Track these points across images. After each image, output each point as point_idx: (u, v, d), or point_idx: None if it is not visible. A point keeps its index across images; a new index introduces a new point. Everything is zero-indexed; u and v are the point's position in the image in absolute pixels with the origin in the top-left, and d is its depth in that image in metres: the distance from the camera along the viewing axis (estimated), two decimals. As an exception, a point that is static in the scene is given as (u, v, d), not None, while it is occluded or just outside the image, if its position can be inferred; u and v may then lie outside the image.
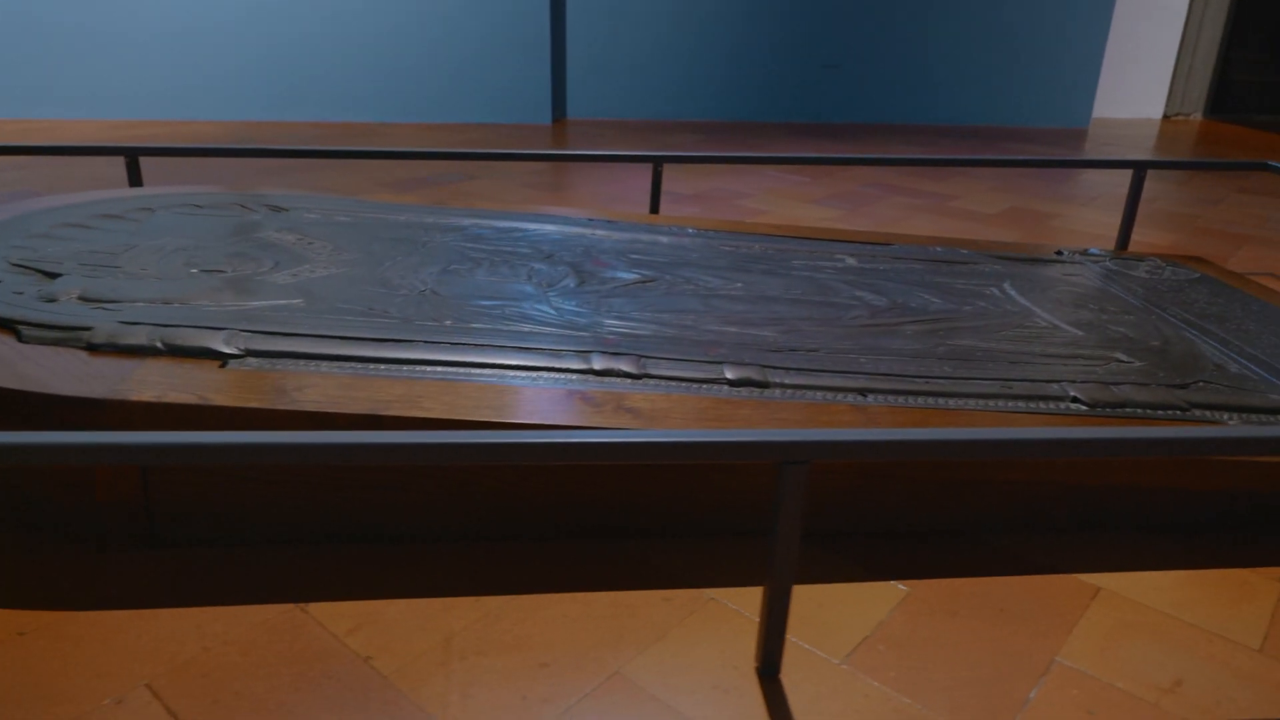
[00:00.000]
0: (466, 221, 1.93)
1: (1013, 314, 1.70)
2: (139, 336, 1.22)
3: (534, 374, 1.26)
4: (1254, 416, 1.37)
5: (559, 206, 3.06)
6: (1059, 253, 2.23)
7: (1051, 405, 1.33)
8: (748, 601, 1.15)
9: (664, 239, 1.95)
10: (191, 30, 4.76)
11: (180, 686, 0.99)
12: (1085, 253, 2.26)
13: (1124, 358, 1.53)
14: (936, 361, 1.43)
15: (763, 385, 1.30)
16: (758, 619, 1.12)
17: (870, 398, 1.30)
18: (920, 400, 1.30)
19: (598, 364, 1.28)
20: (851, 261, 1.94)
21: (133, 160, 2.30)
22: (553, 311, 1.48)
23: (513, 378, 1.24)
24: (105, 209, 1.76)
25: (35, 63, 4.72)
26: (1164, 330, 1.69)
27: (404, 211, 1.97)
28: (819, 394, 1.30)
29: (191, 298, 1.39)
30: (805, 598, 1.16)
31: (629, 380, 1.27)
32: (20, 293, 1.34)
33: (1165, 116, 6.23)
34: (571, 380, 1.26)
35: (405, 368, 1.24)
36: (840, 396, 1.30)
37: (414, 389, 1.19)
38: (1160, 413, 1.35)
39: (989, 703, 0.99)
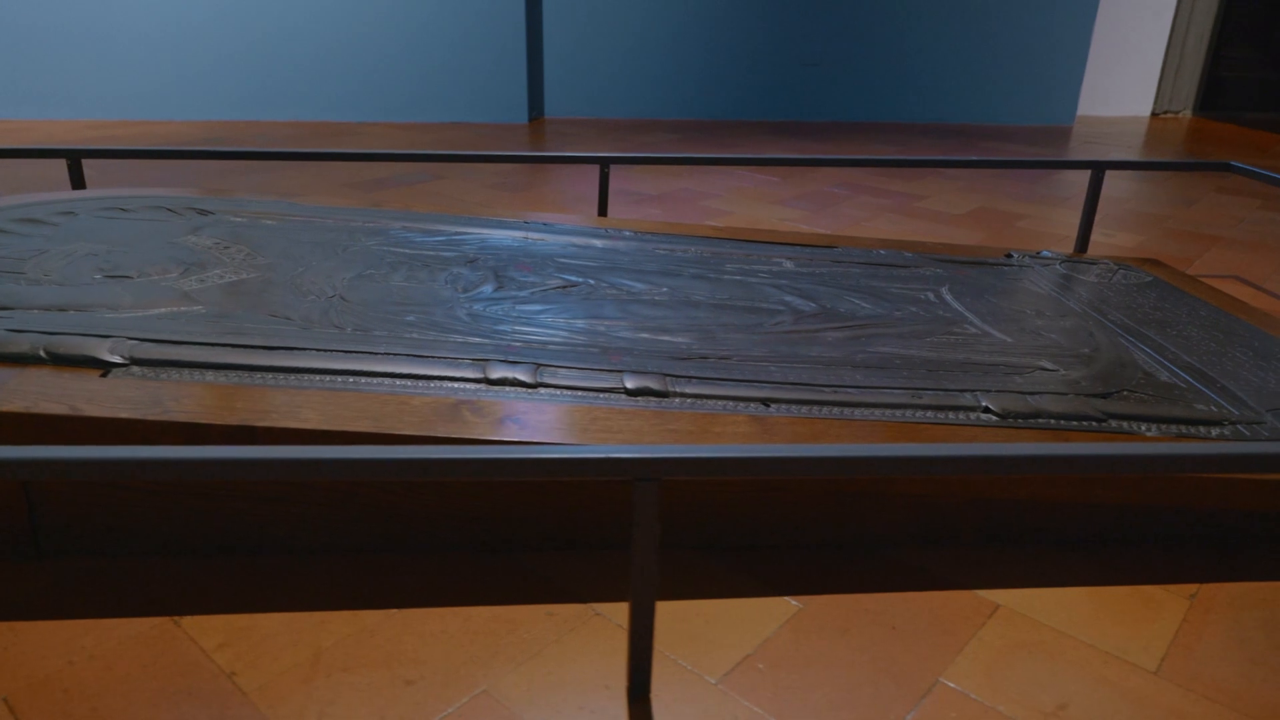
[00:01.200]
0: (396, 225, 1.91)
1: (944, 320, 1.67)
2: (22, 345, 1.19)
3: (426, 383, 1.23)
4: (1173, 427, 1.34)
5: (515, 210, 3.04)
6: (1009, 255, 2.20)
7: (962, 415, 1.30)
8: (623, 613, 1.12)
9: (598, 243, 1.92)
10: (167, 30, 4.74)
11: (36, 702, 0.97)
12: (1037, 255, 2.22)
13: (1049, 366, 1.50)
14: (850, 370, 1.40)
15: (662, 395, 1.27)
16: (624, 630, 1.09)
17: (773, 408, 1.28)
18: (824, 410, 1.27)
19: (494, 373, 1.26)
20: (789, 265, 1.91)
21: (75, 162, 2.28)
22: (463, 319, 1.46)
23: (402, 387, 1.21)
24: (26, 213, 1.74)
25: (8, 62, 4.71)
26: (1099, 337, 1.66)
27: (335, 214, 1.94)
28: (721, 404, 1.27)
29: (91, 304, 1.36)
30: (693, 613, 1.13)
31: (524, 390, 1.25)
32: (-88, 299, 1.32)
33: (1154, 114, 6.17)
34: (465, 390, 1.23)
35: (293, 376, 1.21)
36: (743, 406, 1.27)
37: (296, 398, 1.16)
38: (1075, 424, 1.32)
39: (858, 718, 0.96)
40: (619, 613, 1.13)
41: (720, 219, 3.08)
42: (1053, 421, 1.31)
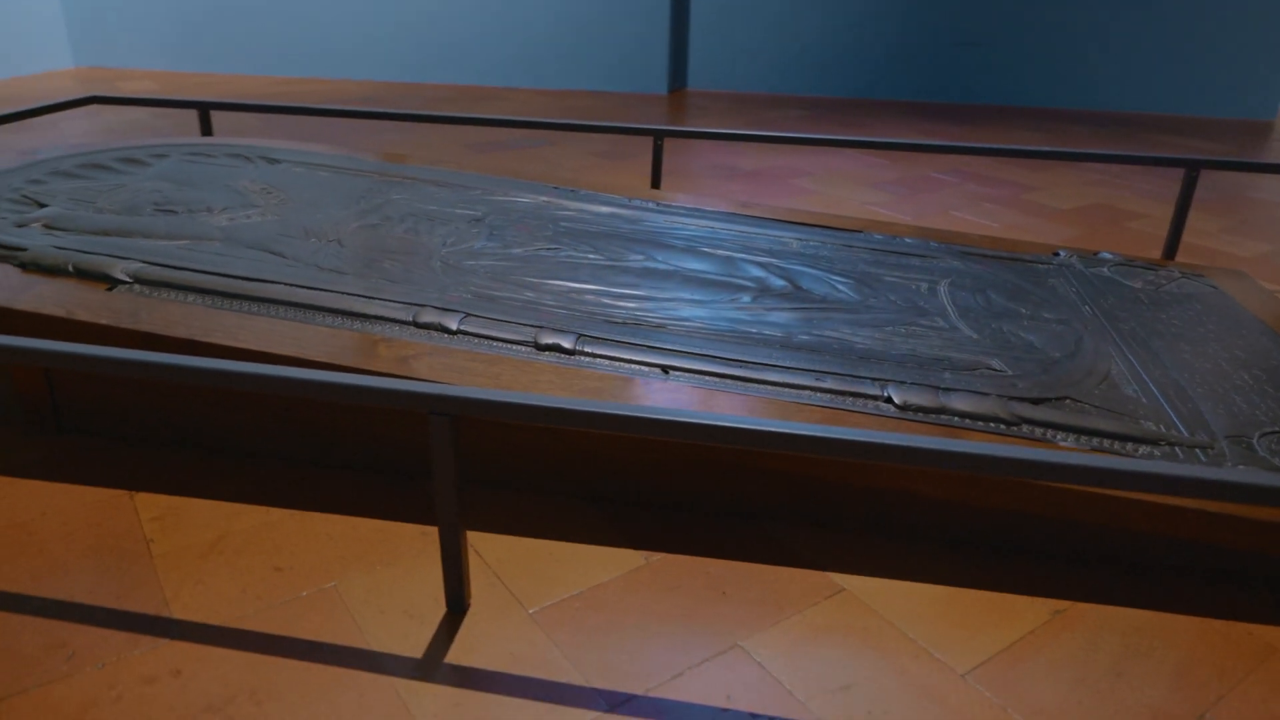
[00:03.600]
0: (430, 182, 2.08)
1: (917, 311, 1.64)
2: (56, 259, 1.46)
3: (364, 320, 1.39)
4: (1096, 440, 1.27)
5: (600, 178, 3.15)
6: (1056, 254, 2.08)
7: (859, 403, 1.30)
8: (491, 545, 1.23)
9: (612, 211, 2.01)
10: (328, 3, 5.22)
11: (12, 546, 1.22)
12: (1093, 255, 2.09)
13: (997, 366, 1.45)
14: (778, 349, 1.42)
15: (569, 353, 1.36)
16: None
17: (671, 375, 1.34)
18: (717, 382, 1.32)
19: (422, 318, 1.40)
20: (795, 245, 1.92)
21: (204, 113, 2.64)
22: (435, 269, 1.60)
23: (335, 322, 1.38)
24: (130, 154, 2.06)
25: (214, 24, 5.36)
26: (1087, 343, 1.57)
27: (385, 169, 2.15)
28: (622, 365, 1.35)
29: (131, 232, 1.63)
30: (547, 552, 1.23)
31: (445, 335, 1.38)
32: (4, 218, 1.63)
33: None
34: (391, 329, 1.38)
35: (255, 304, 1.41)
36: (642, 370, 1.34)
37: (242, 321, 1.35)
38: (980, 424, 1.28)
39: (636, 669, 1.03)
40: (487, 542, 1.25)
41: (802, 197, 3.06)
42: (955, 419, 1.29)
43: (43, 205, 1.71)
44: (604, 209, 2.03)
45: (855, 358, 1.43)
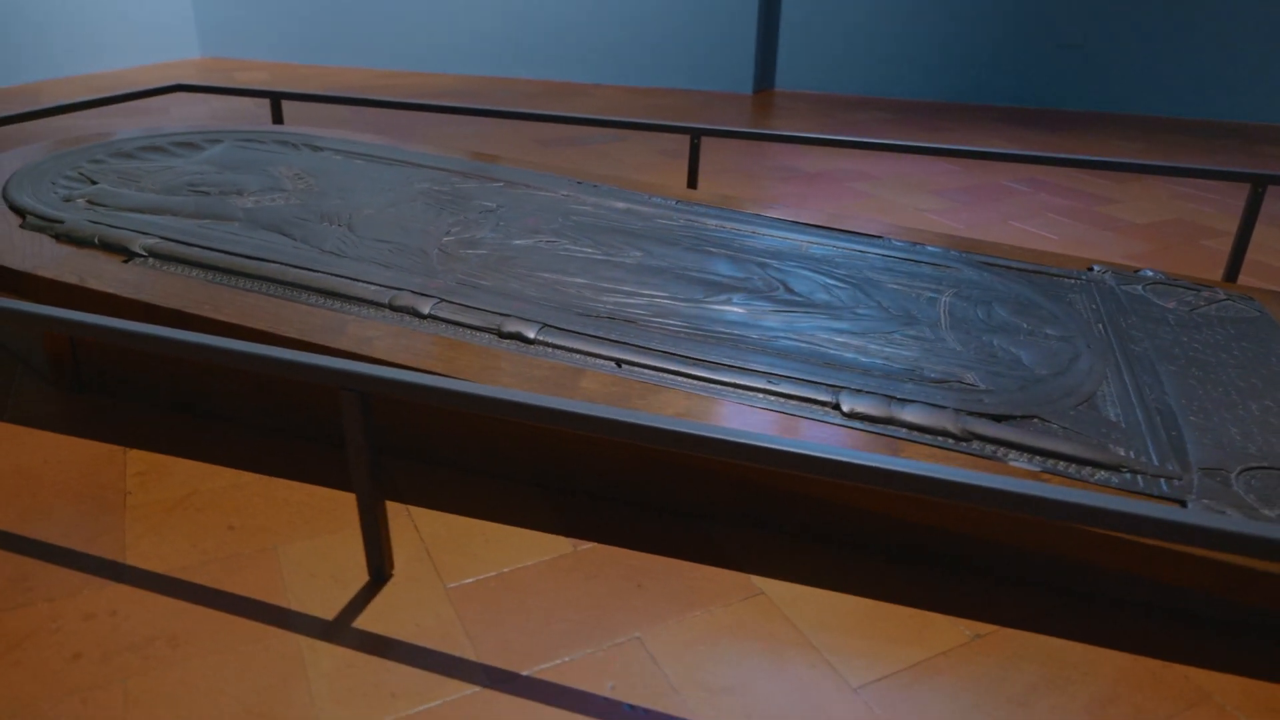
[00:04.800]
0: (458, 174, 2.16)
1: (910, 320, 1.60)
2: (86, 231, 1.60)
3: (337, 300, 1.47)
4: (1051, 462, 1.22)
5: (661, 175, 3.17)
6: (1090, 269, 1.98)
7: (805, 408, 1.29)
8: (429, 520, 1.29)
9: (628, 207, 2.03)
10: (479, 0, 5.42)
11: (7, 491, 1.35)
12: (1135, 273, 1.98)
13: (970, 380, 1.40)
14: (743, 350, 1.42)
15: (530, 342, 1.40)
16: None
17: (623, 368, 1.35)
18: (664, 378, 1.33)
19: (398, 301, 1.46)
20: (805, 247, 1.90)
21: (275, 102, 2.81)
22: (432, 255, 1.67)
23: (317, 301, 1.46)
24: (187, 138, 2.22)
25: (316, 17, 5.65)
26: (1080, 363, 1.50)
27: (419, 159, 2.24)
28: (577, 357, 1.37)
29: (162, 209, 1.76)
30: (480, 532, 1.27)
31: (416, 319, 1.44)
32: (57, 193, 1.80)
33: None
34: (366, 312, 1.45)
35: (251, 281, 1.51)
36: (597, 362, 1.36)
37: (229, 296, 1.45)
38: (928, 437, 1.25)
39: (528, 651, 1.06)
40: (426, 517, 1.30)
41: (855, 200, 3.00)
42: (902, 431, 1.25)
43: (94, 183, 1.87)
44: (620, 205, 2.05)
45: (820, 363, 1.41)
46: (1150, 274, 1.99)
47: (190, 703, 0.97)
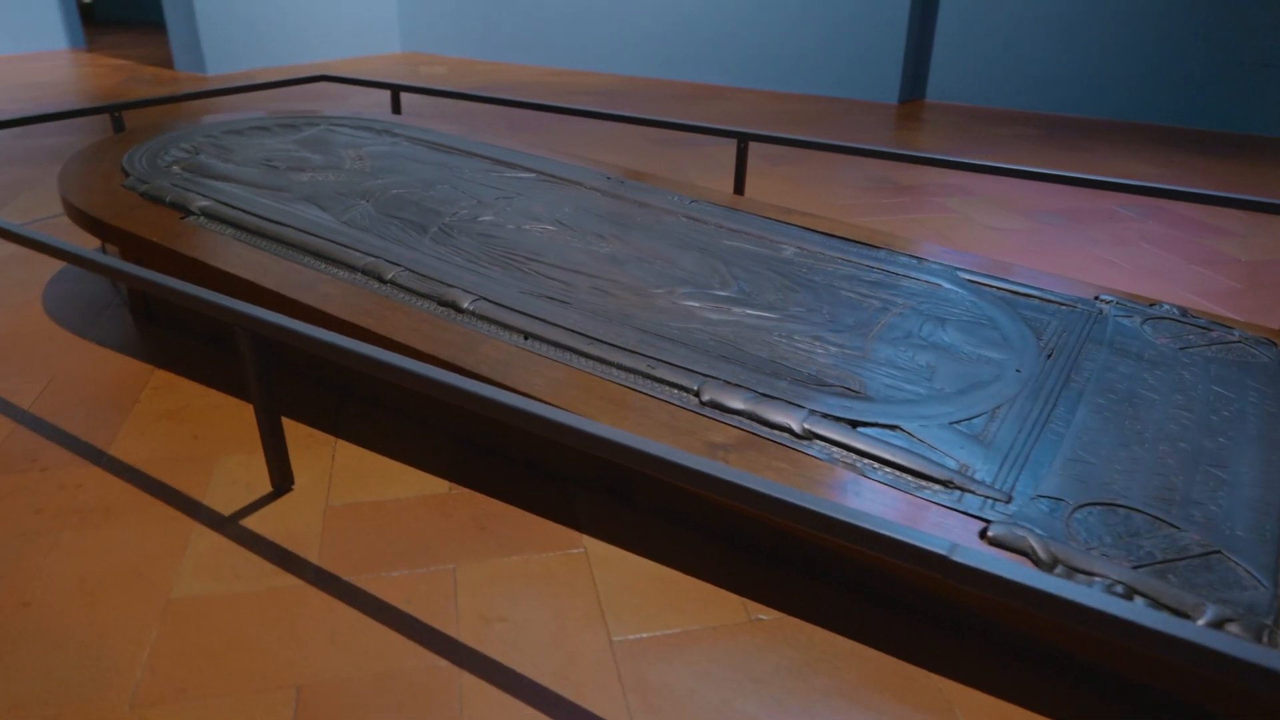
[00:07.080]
0: (502, 163, 2.38)
1: (840, 327, 1.63)
2: (165, 192, 1.96)
3: (323, 262, 1.72)
4: (882, 469, 1.25)
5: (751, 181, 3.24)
6: (1097, 298, 1.89)
7: (666, 391, 1.38)
8: (347, 453, 1.50)
9: (641, 200, 2.17)
10: (607, 2, 5.71)
11: (58, 388, 1.72)
12: (1153, 305, 1.87)
13: (856, 387, 1.43)
14: (654, 337, 1.53)
15: (461, 311, 1.58)
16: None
17: (530, 341, 1.51)
18: (558, 353, 1.47)
19: (370, 267, 1.70)
20: (786, 250, 1.95)
21: (395, 94, 3.17)
22: (433, 232, 1.90)
23: (306, 261, 1.72)
24: (290, 120, 2.60)
25: (507, 20, 6.11)
26: (995, 385, 1.48)
27: (477, 147, 2.48)
28: (493, 329, 1.54)
29: (236, 179, 2.11)
30: (381, 467, 1.48)
31: (378, 283, 1.66)
32: (164, 160, 2.19)
33: None
34: (341, 273, 1.69)
35: (267, 241, 1.80)
36: (508, 335, 1.53)
37: (248, 254, 1.74)
38: (768, 430, 1.31)
39: (359, 563, 1.25)
40: (346, 450, 1.52)
41: (935, 215, 2.94)
42: (746, 422, 1.32)
43: (197, 154, 2.26)
44: (635, 199, 2.19)
45: (716, 356, 1.49)
46: (1167, 308, 1.87)
47: (92, 555, 1.25)
